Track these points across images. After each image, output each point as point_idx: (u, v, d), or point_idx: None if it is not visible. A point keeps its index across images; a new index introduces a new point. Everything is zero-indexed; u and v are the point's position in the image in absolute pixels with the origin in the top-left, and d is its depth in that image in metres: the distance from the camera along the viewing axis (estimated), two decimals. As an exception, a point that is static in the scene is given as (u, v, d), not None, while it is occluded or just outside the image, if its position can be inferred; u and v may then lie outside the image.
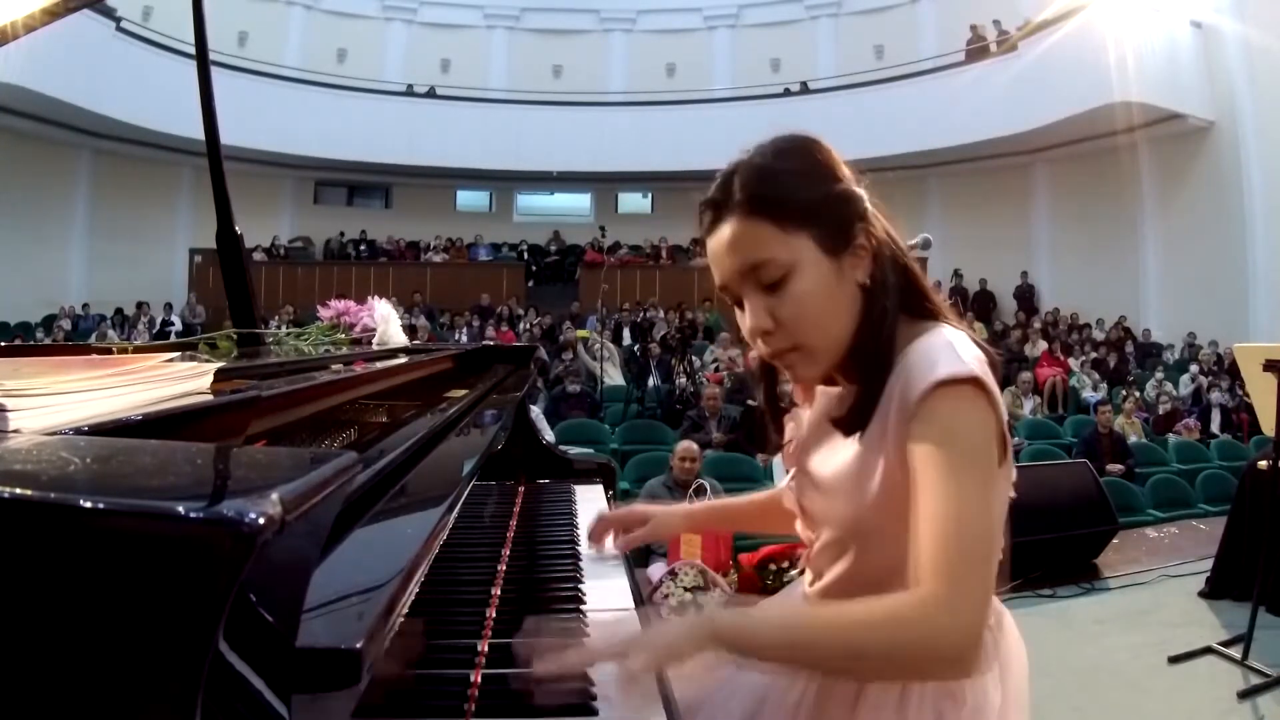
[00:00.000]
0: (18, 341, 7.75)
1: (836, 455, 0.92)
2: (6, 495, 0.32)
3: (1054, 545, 4.25)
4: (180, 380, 0.69)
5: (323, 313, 1.69)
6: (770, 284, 0.87)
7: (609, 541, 1.25)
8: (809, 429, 0.99)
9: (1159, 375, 9.69)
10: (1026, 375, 9.03)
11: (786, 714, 0.94)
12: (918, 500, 0.80)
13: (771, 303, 0.87)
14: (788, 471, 1.05)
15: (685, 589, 3.56)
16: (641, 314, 11.19)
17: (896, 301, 0.89)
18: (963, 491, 0.78)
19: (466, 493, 0.95)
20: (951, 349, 0.84)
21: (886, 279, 0.88)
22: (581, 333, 9.80)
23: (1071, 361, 10.14)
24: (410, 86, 13.40)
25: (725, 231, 0.88)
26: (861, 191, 0.91)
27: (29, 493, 0.33)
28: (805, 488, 0.99)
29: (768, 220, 0.86)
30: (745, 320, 0.91)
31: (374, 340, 1.63)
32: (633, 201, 15.10)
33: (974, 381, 0.82)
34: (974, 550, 0.77)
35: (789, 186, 0.87)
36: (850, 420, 0.89)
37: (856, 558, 0.92)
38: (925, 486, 0.79)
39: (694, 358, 8.54)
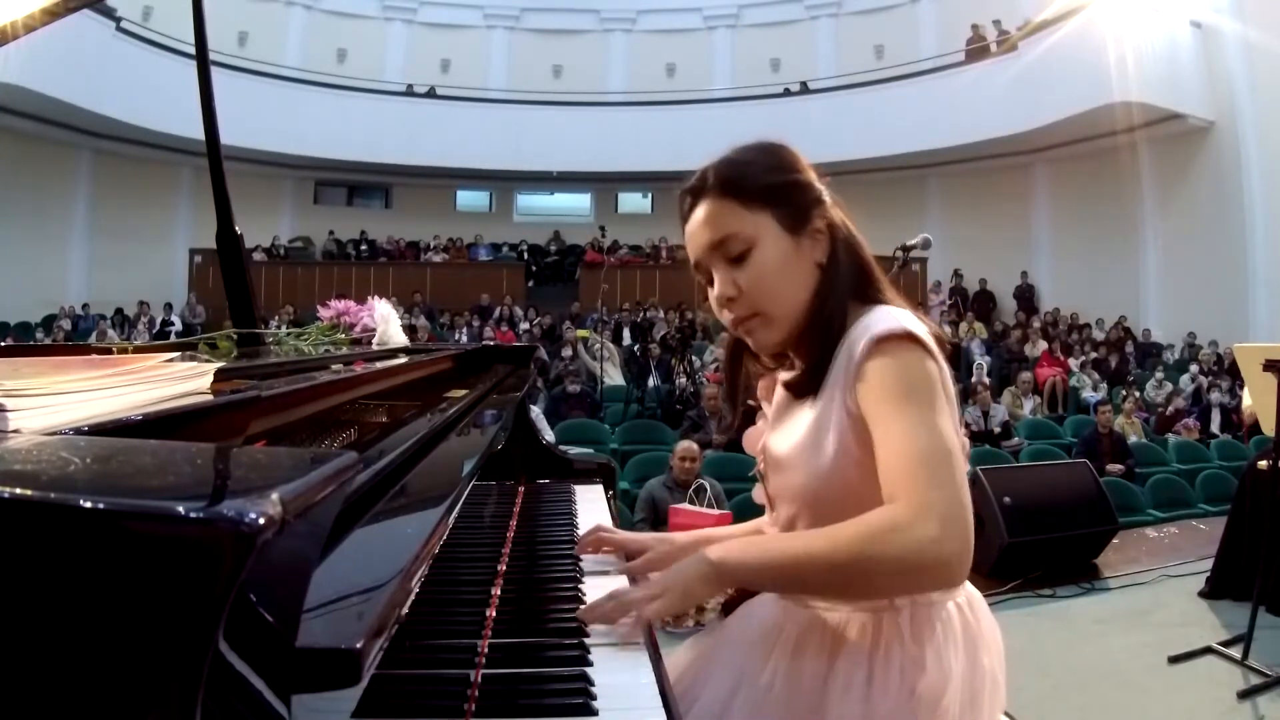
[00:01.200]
0: (9, 341, 7.75)
1: (792, 432, 1.00)
2: (6, 495, 0.32)
3: (1054, 545, 4.25)
4: (180, 380, 0.69)
5: (323, 313, 1.69)
6: (735, 256, 0.98)
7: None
8: (771, 418, 1.08)
9: (1159, 375, 9.70)
10: (1026, 375, 9.03)
11: (759, 692, 0.97)
12: (876, 439, 0.87)
13: (736, 273, 0.99)
14: (752, 454, 1.13)
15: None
16: (641, 314, 11.19)
17: (848, 282, 0.99)
18: (916, 416, 0.86)
19: (466, 493, 0.95)
20: (889, 315, 0.93)
21: (840, 261, 1.00)
22: (581, 332, 9.81)
23: (1071, 361, 10.14)
24: (410, 86, 13.40)
25: (700, 212, 1.01)
26: (821, 186, 1.03)
27: (29, 493, 0.33)
28: (770, 473, 1.06)
29: (734, 199, 0.98)
30: (713, 291, 1.02)
31: (374, 340, 1.63)
32: (633, 201, 15.10)
33: (908, 335, 0.90)
34: (938, 460, 0.83)
35: (754, 172, 1.00)
36: (801, 383, 0.99)
37: (813, 524, 0.98)
38: (879, 423, 0.88)
39: (694, 358, 8.54)
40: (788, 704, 0.96)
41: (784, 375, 1.06)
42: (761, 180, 0.99)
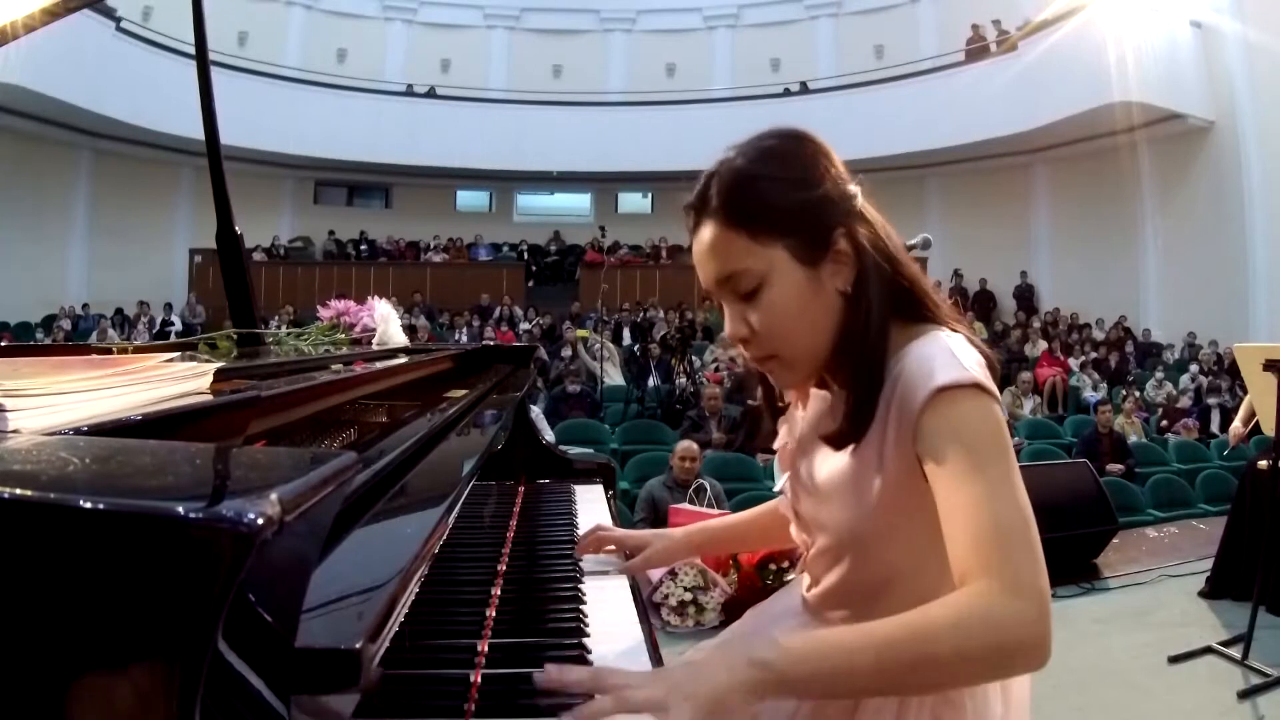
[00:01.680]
0: (9, 341, 7.75)
1: (831, 461, 0.90)
2: (6, 495, 0.32)
3: (1054, 545, 4.19)
4: (180, 380, 0.69)
5: (323, 313, 1.69)
6: (745, 293, 0.85)
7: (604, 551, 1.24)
8: (803, 433, 0.98)
9: (1159, 375, 9.69)
10: (1026, 375, 9.03)
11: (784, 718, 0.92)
12: (943, 504, 0.77)
13: (747, 311, 0.86)
14: (783, 473, 1.04)
15: (685, 589, 3.55)
16: (641, 314, 11.19)
17: (884, 308, 0.85)
18: (987, 482, 0.75)
19: (466, 493, 0.95)
20: (950, 354, 0.81)
21: (870, 286, 0.85)
22: (581, 332, 9.80)
23: (1071, 361, 10.14)
24: (410, 86, 13.39)
25: (704, 236, 0.87)
26: (853, 189, 0.88)
27: (28, 493, 0.33)
28: (799, 493, 0.97)
29: (741, 230, 0.84)
30: (726, 327, 0.90)
31: (374, 340, 1.63)
32: (633, 201, 15.09)
33: (975, 387, 0.80)
34: (1015, 533, 0.73)
35: (763, 194, 0.84)
36: (843, 435, 0.86)
37: (854, 564, 0.91)
38: (948, 489, 0.76)
39: (694, 358, 8.54)
40: None
41: (815, 404, 0.96)
42: (774, 205, 0.84)
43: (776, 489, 1.07)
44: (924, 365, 0.80)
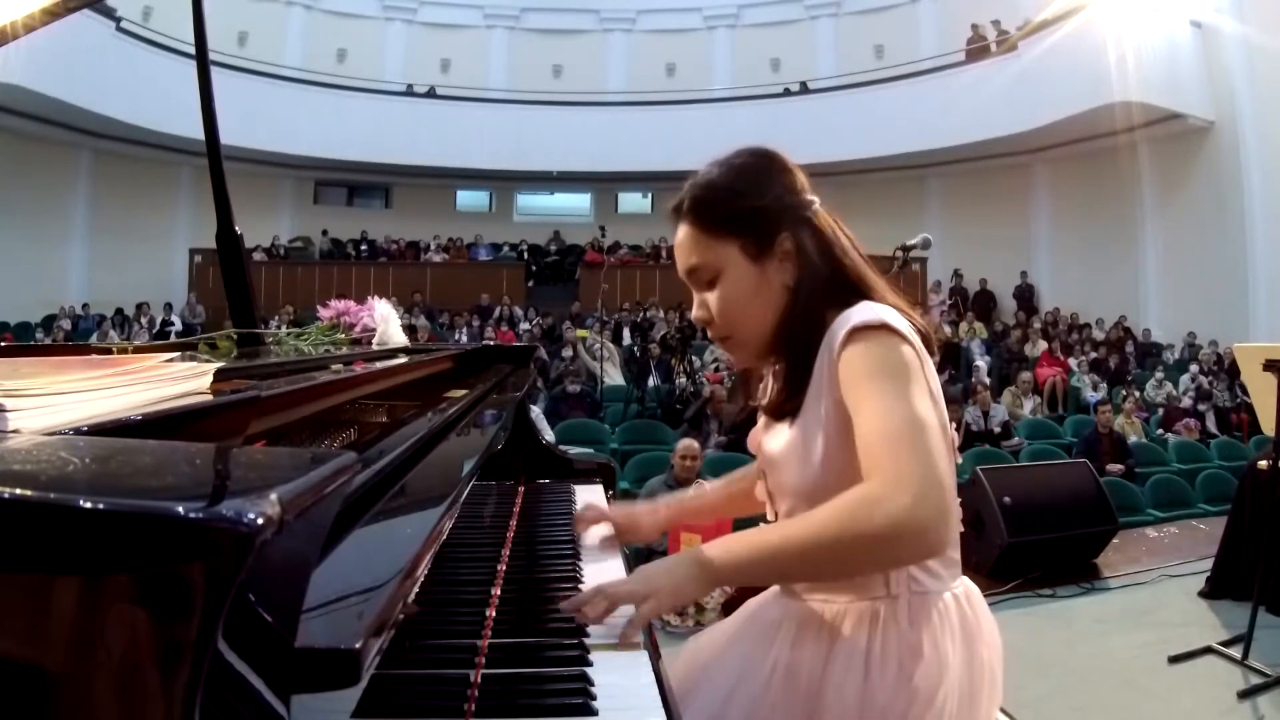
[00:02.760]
0: (9, 341, 7.75)
1: (783, 429, 1.02)
2: (6, 495, 0.32)
3: (1054, 545, 4.25)
4: (180, 380, 0.69)
5: (323, 313, 1.69)
6: (706, 282, 1.03)
7: (595, 533, 1.30)
8: (764, 417, 1.10)
9: (1159, 375, 9.69)
10: (1026, 375, 9.02)
11: (758, 687, 0.99)
12: (855, 424, 0.88)
13: (708, 298, 1.04)
14: (754, 456, 1.15)
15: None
16: (641, 314, 11.19)
17: (820, 300, 0.99)
18: (889, 395, 0.87)
19: (466, 493, 0.95)
20: (868, 308, 0.94)
21: (808, 282, 1.00)
22: (581, 332, 9.80)
23: (1071, 361, 10.14)
24: (410, 86, 13.39)
25: (680, 234, 1.05)
26: (809, 199, 1.03)
27: (28, 493, 0.33)
28: (767, 470, 1.08)
29: (702, 228, 1.02)
30: (693, 310, 1.07)
31: (374, 340, 1.63)
32: (633, 201, 15.09)
33: (884, 326, 0.91)
34: (911, 433, 0.84)
35: (721, 202, 1.01)
36: (776, 406, 1.02)
37: None
38: (856, 407, 0.89)
39: (694, 358, 8.54)
40: (786, 696, 0.97)
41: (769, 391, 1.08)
42: (725, 209, 1.01)
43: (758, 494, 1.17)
44: (844, 320, 0.94)
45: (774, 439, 1.04)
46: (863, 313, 0.93)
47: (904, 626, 0.94)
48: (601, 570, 1.17)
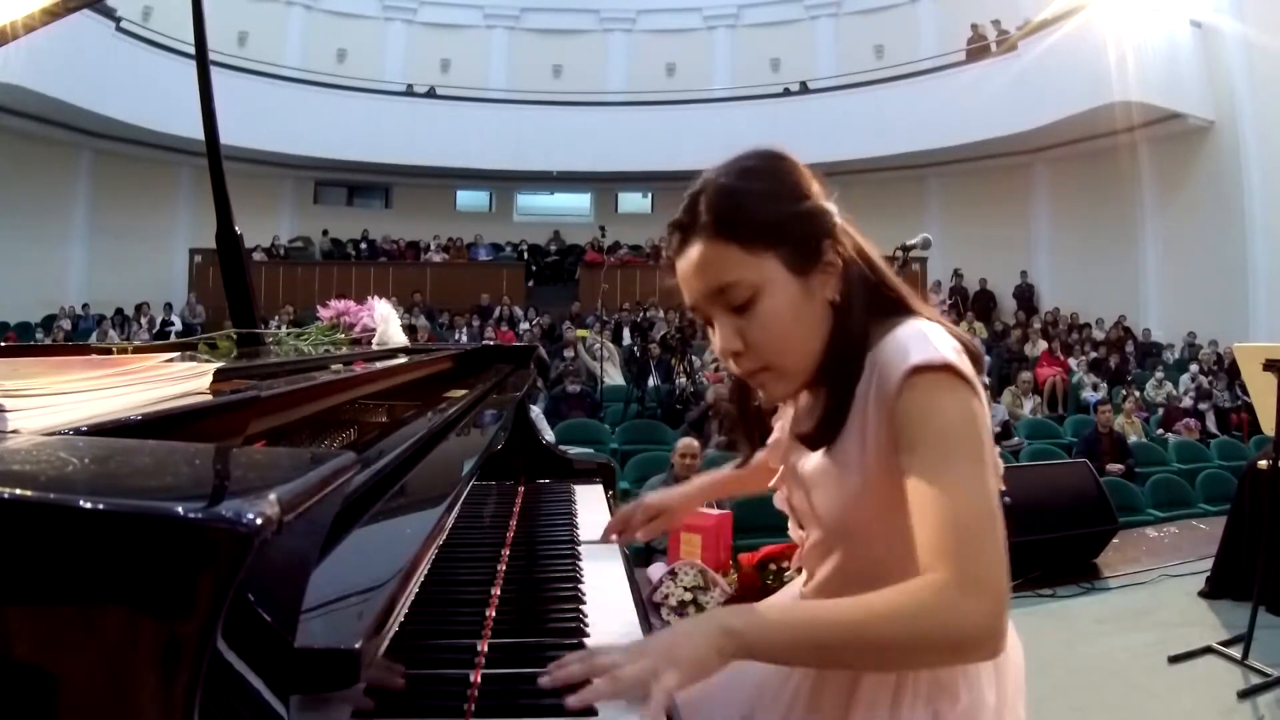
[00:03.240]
0: (9, 341, 7.75)
1: (817, 454, 0.92)
2: (6, 495, 0.32)
3: (1054, 545, 4.24)
4: (180, 380, 0.69)
5: (323, 313, 1.69)
6: (738, 305, 0.87)
7: (597, 532, 1.28)
8: (789, 427, 1.00)
9: (1159, 375, 9.69)
10: (1026, 375, 9.02)
11: (781, 709, 0.95)
12: (911, 492, 0.79)
13: (740, 324, 0.87)
14: (775, 466, 1.06)
15: (685, 589, 3.55)
16: (641, 314, 11.19)
17: (865, 314, 0.88)
18: (955, 474, 0.78)
19: (466, 493, 0.95)
20: (923, 337, 0.83)
21: (855, 295, 0.88)
22: (581, 332, 9.80)
23: (1071, 361, 10.14)
24: (410, 86, 13.39)
25: (693, 253, 0.88)
26: (830, 206, 0.90)
27: (28, 493, 0.33)
28: (792, 487, 0.99)
29: (734, 242, 0.85)
30: (716, 341, 0.91)
31: (374, 340, 1.63)
32: (633, 201, 15.09)
33: (948, 368, 0.81)
34: (979, 528, 0.76)
35: (754, 207, 0.86)
36: (815, 437, 0.89)
37: (844, 555, 0.93)
38: (917, 476, 0.79)
39: (694, 358, 8.54)
40: None
41: (802, 404, 0.98)
42: (764, 216, 0.86)
43: (770, 485, 1.09)
44: (900, 349, 0.83)
45: (807, 459, 0.94)
46: (920, 347, 0.82)
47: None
48: (601, 570, 1.17)
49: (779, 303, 0.86)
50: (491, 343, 4.96)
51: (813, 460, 0.92)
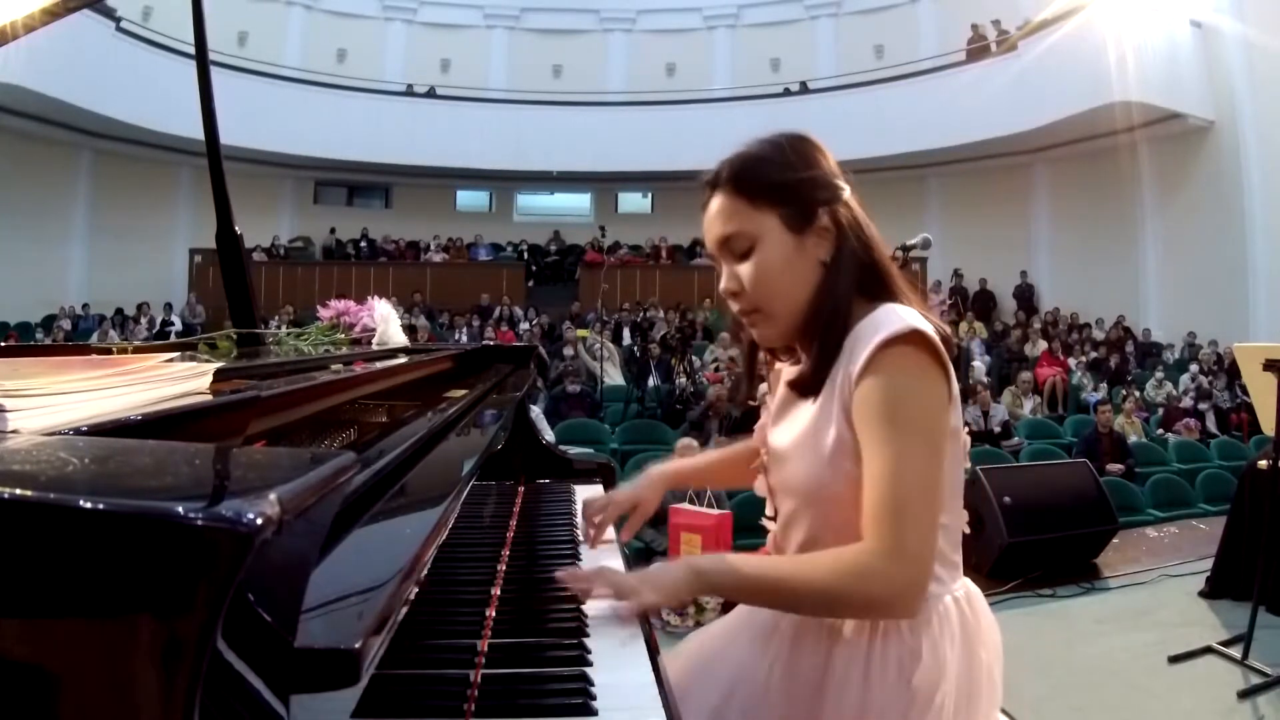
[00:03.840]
0: (10, 341, 7.75)
1: (793, 426, 1.02)
2: (6, 495, 0.32)
3: (1054, 545, 4.25)
4: (180, 380, 0.69)
5: (322, 313, 1.69)
6: (741, 253, 1.00)
7: (609, 532, 1.30)
8: (773, 410, 1.09)
9: (1159, 375, 9.69)
10: (1026, 375, 9.02)
11: (758, 688, 1.01)
12: (865, 459, 0.90)
13: (740, 269, 1.00)
14: (761, 453, 1.13)
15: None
16: (641, 314, 11.19)
17: (853, 280, 0.98)
18: (905, 450, 0.88)
19: (466, 493, 0.95)
20: (894, 313, 0.93)
21: (845, 259, 0.99)
22: (581, 332, 9.80)
23: (1071, 361, 10.14)
24: (410, 86, 13.39)
25: (713, 205, 1.02)
26: (841, 183, 1.02)
27: (28, 493, 0.33)
28: (771, 465, 1.07)
29: (742, 197, 0.99)
30: (721, 282, 1.04)
31: (374, 340, 1.63)
32: (633, 201, 15.09)
33: (915, 334, 0.90)
34: (914, 506, 0.87)
35: (763, 169, 1.00)
36: (804, 382, 0.99)
37: (814, 523, 1.00)
38: (870, 446, 0.90)
39: (694, 358, 8.54)
40: (786, 698, 0.98)
41: (788, 371, 1.06)
42: (769, 178, 0.99)
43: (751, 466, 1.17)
44: (872, 326, 0.93)
45: (781, 433, 1.04)
46: (891, 320, 0.92)
47: (904, 630, 0.95)
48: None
49: (773, 254, 0.99)
50: (491, 343, 4.96)
51: (788, 434, 1.02)
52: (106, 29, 10.55)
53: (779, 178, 0.99)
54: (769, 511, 1.11)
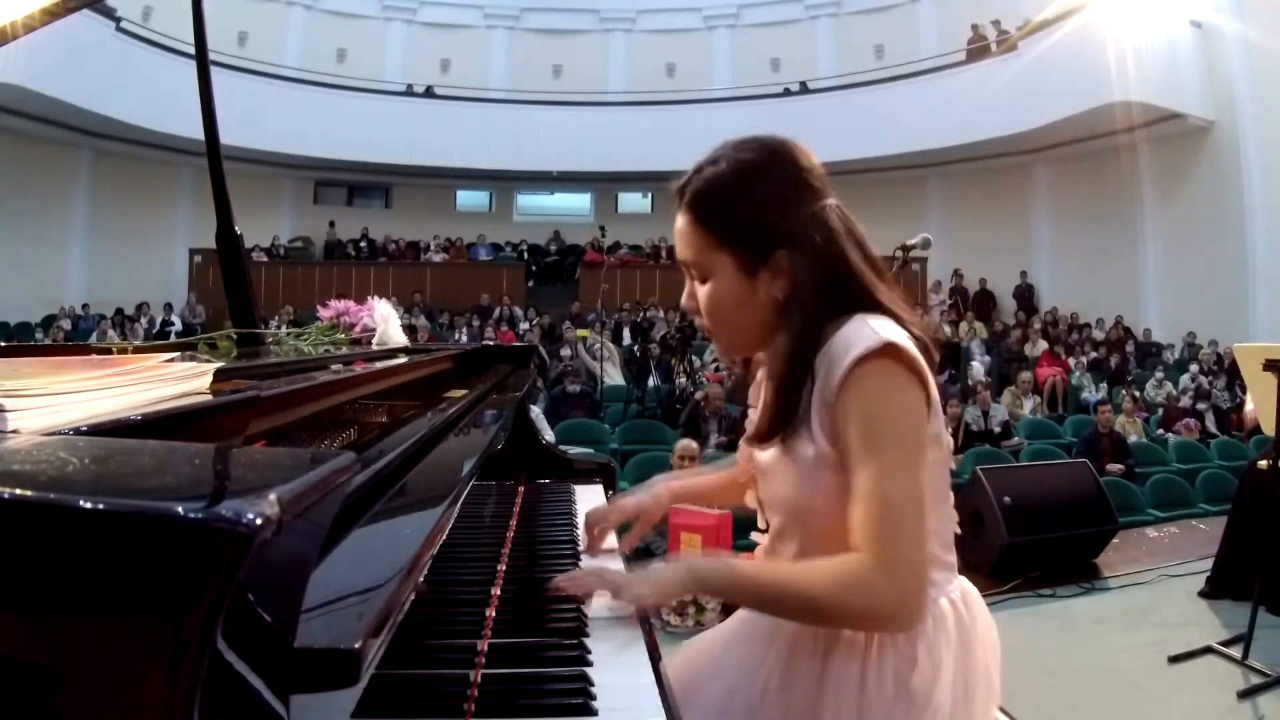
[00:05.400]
0: (9, 341, 7.75)
1: (774, 441, 1.00)
2: (6, 495, 0.32)
3: (1054, 545, 4.24)
4: (180, 380, 0.69)
5: (323, 313, 1.69)
6: (699, 277, 1.01)
7: (610, 539, 1.29)
8: (757, 422, 1.06)
9: (1159, 375, 9.69)
10: (1026, 375, 9.01)
11: (756, 691, 1.01)
12: (851, 478, 0.89)
13: (699, 290, 1.01)
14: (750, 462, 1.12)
15: (685, 589, 3.55)
16: (641, 314, 11.19)
17: (817, 315, 0.95)
18: (889, 466, 0.87)
19: (466, 493, 0.95)
20: (865, 326, 0.91)
21: (804, 297, 0.95)
22: (581, 332, 9.80)
23: (1071, 361, 10.13)
24: (410, 86, 13.38)
25: (678, 221, 1.02)
26: (828, 201, 0.98)
27: (28, 493, 0.33)
28: (759, 478, 1.07)
29: (697, 229, 0.99)
30: (684, 297, 1.05)
31: (374, 340, 1.63)
32: (633, 201, 15.08)
33: (889, 348, 0.89)
34: (902, 520, 0.87)
35: (721, 203, 0.97)
36: (763, 437, 0.99)
37: (802, 539, 1.00)
38: (855, 465, 0.89)
39: (694, 358, 8.54)
40: (784, 702, 0.98)
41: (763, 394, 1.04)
42: (725, 216, 0.97)
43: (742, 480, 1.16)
44: (844, 344, 0.91)
45: (765, 451, 1.03)
46: (862, 336, 0.90)
47: (900, 637, 0.95)
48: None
49: (722, 291, 0.99)
50: (491, 343, 4.96)
51: (770, 452, 1.01)
52: (106, 29, 10.54)
53: (733, 214, 0.97)
54: (760, 524, 1.11)
